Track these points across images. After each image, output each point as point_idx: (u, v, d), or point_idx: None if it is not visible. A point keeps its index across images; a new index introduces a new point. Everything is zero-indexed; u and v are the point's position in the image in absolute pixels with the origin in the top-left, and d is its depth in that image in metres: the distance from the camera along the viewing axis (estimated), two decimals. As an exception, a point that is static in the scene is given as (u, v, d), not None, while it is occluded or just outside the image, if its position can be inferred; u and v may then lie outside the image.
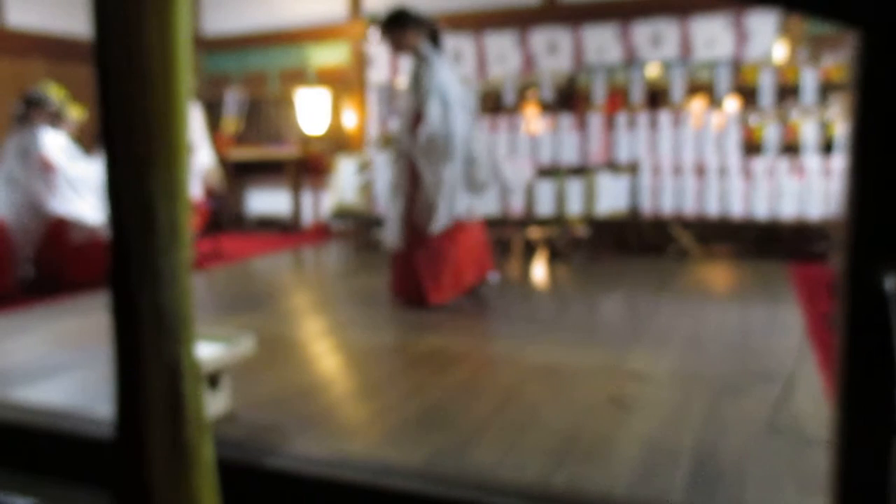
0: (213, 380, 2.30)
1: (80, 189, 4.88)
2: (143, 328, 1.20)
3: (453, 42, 6.27)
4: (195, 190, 6.01)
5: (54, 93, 5.02)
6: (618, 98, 6.18)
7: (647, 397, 2.59)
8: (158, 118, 1.13)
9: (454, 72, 4.22)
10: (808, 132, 5.59)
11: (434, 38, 4.13)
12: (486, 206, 4.17)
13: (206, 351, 2.30)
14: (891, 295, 1.05)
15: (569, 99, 6.33)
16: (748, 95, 5.86)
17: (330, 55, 7.42)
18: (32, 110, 4.91)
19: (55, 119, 4.99)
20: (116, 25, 1.10)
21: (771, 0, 1.25)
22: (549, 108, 6.33)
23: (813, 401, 2.50)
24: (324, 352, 3.39)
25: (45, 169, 4.79)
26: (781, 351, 3.13)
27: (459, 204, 4.02)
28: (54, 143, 4.89)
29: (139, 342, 1.21)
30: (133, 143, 1.14)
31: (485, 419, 2.41)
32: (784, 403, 2.47)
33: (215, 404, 2.30)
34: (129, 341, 1.22)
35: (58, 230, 4.74)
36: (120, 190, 1.17)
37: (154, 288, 1.20)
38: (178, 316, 1.23)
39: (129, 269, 1.20)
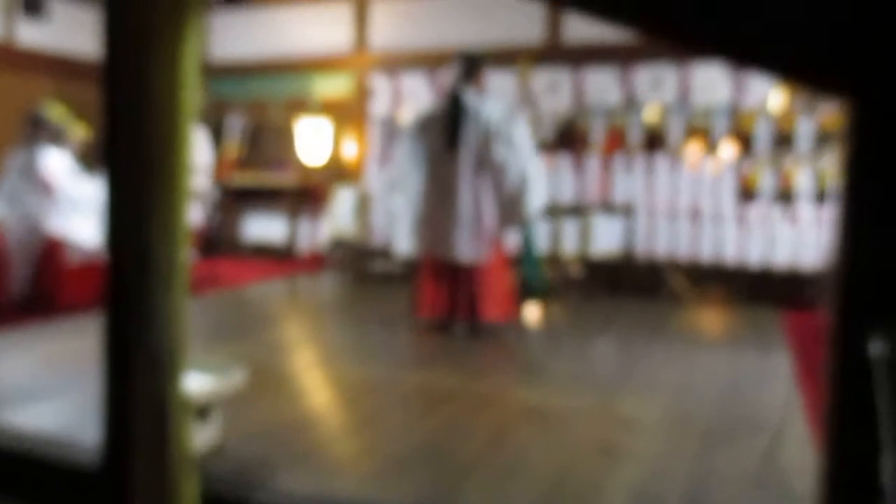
0: (203, 412, 2.30)
1: (81, 209, 4.90)
2: (135, 369, 1.22)
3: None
4: (193, 215, 6.04)
5: (57, 112, 5.06)
6: (616, 139, 6.25)
7: (635, 445, 2.59)
8: (161, 164, 1.16)
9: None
10: (803, 180, 5.65)
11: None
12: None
13: (197, 382, 2.30)
14: (876, 359, 1.07)
15: (567, 139, 6.40)
16: (745, 142, 5.93)
17: (333, 85, 7.49)
18: (36, 130, 4.96)
19: (58, 138, 5.03)
20: (124, 76, 1.13)
21: (769, 67, 1.28)
22: (547, 147, 6.39)
23: (801, 454, 2.51)
24: (315, 385, 3.39)
25: (46, 188, 4.81)
26: (771, 400, 3.14)
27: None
28: (56, 163, 4.92)
29: (130, 381, 1.22)
30: (135, 189, 1.17)
31: (473, 460, 2.41)
32: (771, 457, 2.48)
33: (204, 437, 2.30)
34: (120, 380, 1.23)
35: (55, 250, 4.75)
36: (120, 233, 1.20)
37: (149, 328, 1.22)
38: (171, 356, 1.25)
39: (126, 309, 1.22)
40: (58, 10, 7.00)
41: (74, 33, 7.32)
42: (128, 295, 1.25)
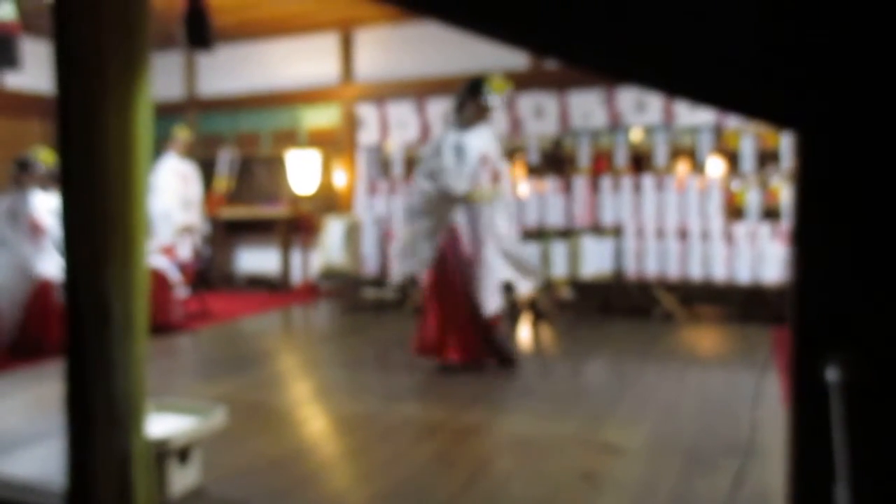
0: (184, 454, 2.30)
1: (68, 251, 4.91)
2: (94, 420, 1.23)
3: (441, 105, 6.40)
4: (184, 250, 6.06)
5: (45, 156, 5.10)
6: (602, 161, 6.28)
7: (618, 472, 2.59)
8: (116, 219, 1.18)
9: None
10: (789, 197, 5.67)
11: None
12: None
13: (176, 424, 2.30)
14: (832, 385, 1.08)
15: (554, 162, 6.43)
16: (730, 160, 5.96)
17: (321, 117, 7.55)
18: (23, 174, 4.99)
19: (46, 182, 5.06)
20: (78, 131, 1.15)
21: (712, 102, 1.31)
22: (535, 170, 6.42)
23: (781, 475, 2.50)
24: (301, 420, 3.39)
25: (35, 231, 4.84)
26: (758, 421, 3.13)
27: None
28: (44, 206, 4.95)
29: (90, 433, 1.23)
30: (90, 243, 1.18)
31: (457, 493, 2.40)
32: (754, 480, 2.47)
33: (184, 479, 2.29)
34: (80, 432, 1.24)
35: (44, 292, 4.76)
36: (77, 286, 1.21)
37: (107, 380, 1.23)
38: (130, 406, 1.25)
39: (85, 360, 1.23)
40: (38, 51, 7.05)
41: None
42: (86, 345, 1.26)
